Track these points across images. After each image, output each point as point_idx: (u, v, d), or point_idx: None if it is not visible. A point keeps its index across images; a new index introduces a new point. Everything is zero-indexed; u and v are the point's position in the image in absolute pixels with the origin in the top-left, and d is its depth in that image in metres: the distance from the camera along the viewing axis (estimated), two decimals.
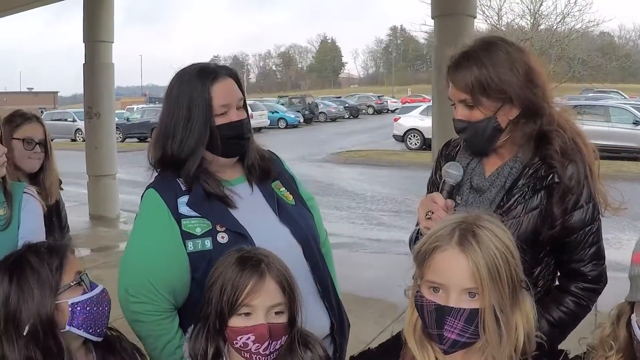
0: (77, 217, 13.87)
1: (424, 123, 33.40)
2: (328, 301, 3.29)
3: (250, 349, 2.59)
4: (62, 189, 5.27)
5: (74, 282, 2.57)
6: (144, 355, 2.97)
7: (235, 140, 3.16)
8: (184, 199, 3.09)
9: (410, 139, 35.45)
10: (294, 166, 3.78)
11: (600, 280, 3.16)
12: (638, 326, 2.13)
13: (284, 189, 3.40)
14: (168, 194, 3.10)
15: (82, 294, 2.59)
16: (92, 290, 2.64)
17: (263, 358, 2.62)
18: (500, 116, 3.07)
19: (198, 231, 3.05)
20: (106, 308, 2.67)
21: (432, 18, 11.11)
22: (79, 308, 2.55)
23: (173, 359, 3.04)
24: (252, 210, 3.19)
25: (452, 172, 3.16)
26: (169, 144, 3.11)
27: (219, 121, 3.10)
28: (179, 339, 3.08)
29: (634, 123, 29.21)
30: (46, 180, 4.97)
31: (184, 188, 3.11)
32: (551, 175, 3.04)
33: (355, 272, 10.29)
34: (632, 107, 31.27)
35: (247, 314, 2.60)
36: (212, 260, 2.95)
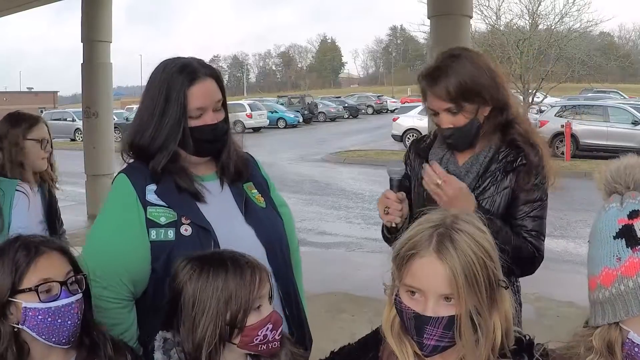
0: (75, 217, 13.85)
1: (423, 123, 33.31)
2: (289, 309, 3.24)
3: (269, 338, 2.57)
4: (57, 187, 5.33)
5: (27, 289, 2.49)
6: (137, 356, 2.87)
7: (208, 143, 3.16)
8: (152, 187, 3.08)
9: (408, 138, 35.21)
10: (293, 166, 3.81)
11: (539, 249, 3.45)
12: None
13: (255, 191, 3.36)
14: (137, 180, 3.08)
15: (38, 302, 2.49)
16: (54, 301, 2.51)
17: (277, 343, 2.62)
18: (479, 115, 3.40)
19: (162, 220, 3.02)
20: (69, 322, 2.53)
21: (429, 18, 11.18)
22: (30, 313, 2.48)
23: None
24: (219, 207, 3.17)
25: (395, 169, 3.40)
26: (140, 136, 3.11)
27: (193, 123, 3.08)
28: (134, 331, 3.05)
29: (632, 123, 29.21)
30: (45, 175, 5.06)
31: (153, 176, 3.11)
32: (520, 157, 3.43)
33: (351, 272, 10.34)
34: (631, 107, 31.30)
35: (258, 307, 2.56)
36: (172, 252, 2.93)
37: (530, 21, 36.55)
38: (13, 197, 3.66)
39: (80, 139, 32.22)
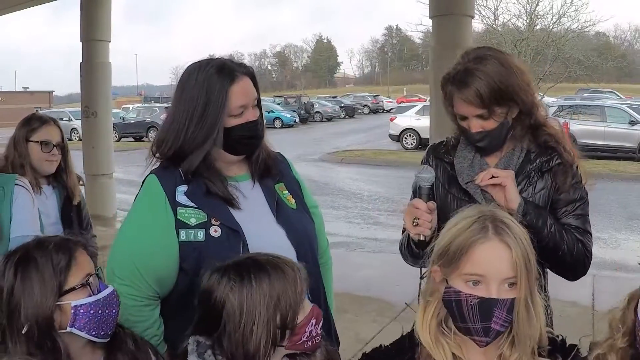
0: None
1: (420, 123, 33.53)
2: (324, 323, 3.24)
3: (313, 333, 2.54)
4: (84, 185, 5.31)
5: (79, 286, 2.51)
6: (158, 353, 2.90)
7: (248, 139, 3.16)
8: (182, 188, 3.08)
9: (406, 138, 35.52)
10: None
11: (587, 246, 3.38)
12: None
13: (287, 192, 3.35)
14: (168, 181, 3.09)
15: (87, 297, 2.52)
16: (99, 293, 2.57)
17: (319, 337, 2.60)
18: (508, 117, 3.31)
19: (192, 221, 3.03)
20: (113, 311, 2.60)
21: (430, 18, 11.14)
22: (82, 311, 2.49)
23: None
24: (250, 207, 3.17)
25: (425, 175, 3.24)
26: (178, 139, 3.08)
27: (235, 122, 3.09)
28: (156, 329, 3.07)
29: (629, 123, 29.33)
30: (69, 181, 5.01)
31: (184, 177, 3.10)
32: (554, 157, 3.34)
33: (352, 272, 10.31)
34: (627, 107, 31.40)
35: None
36: (202, 253, 2.96)
37: (527, 21, 36.61)
38: (12, 192, 3.64)
39: (77, 139, 32.12)
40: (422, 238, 3.15)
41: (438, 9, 10.93)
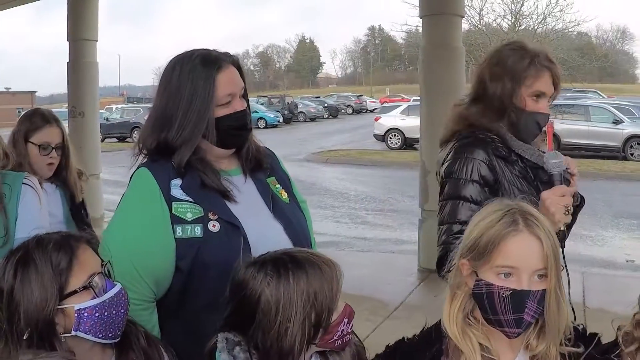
0: None
1: (405, 123, 33.63)
2: None
3: (344, 332, 2.51)
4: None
5: (81, 288, 2.38)
6: (171, 350, 2.80)
7: (237, 130, 3.08)
8: (177, 181, 2.97)
9: (391, 138, 35.56)
10: None
11: None
12: None
13: (279, 186, 3.29)
14: (161, 174, 2.97)
15: (91, 299, 2.39)
16: (105, 294, 2.43)
17: (349, 336, 2.57)
18: None
19: (189, 216, 2.90)
20: (122, 311, 2.47)
21: (420, 17, 11.11)
22: (86, 314, 2.37)
23: None
24: (246, 202, 3.07)
25: (555, 161, 3.23)
26: (164, 133, 3.00)
27: (222, 112, 3.01)
28: (156, 333, 2.93)
29: (613, 122, 29.56)
30: (70, 181, 4.93)
31: (176, 168, 3.00)
32: None
33: (343, 271, 10.29)
34: (611, 106, 31.61)
35: None
36: (200, 250, 2.86)
37: (512, 21, 36.73)
38: (20, 192, 3.59)
39: None
40: (563, 227, 3.10)
41: (429, 8, 10.92)
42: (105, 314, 2.41)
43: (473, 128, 3.46)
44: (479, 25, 35.90)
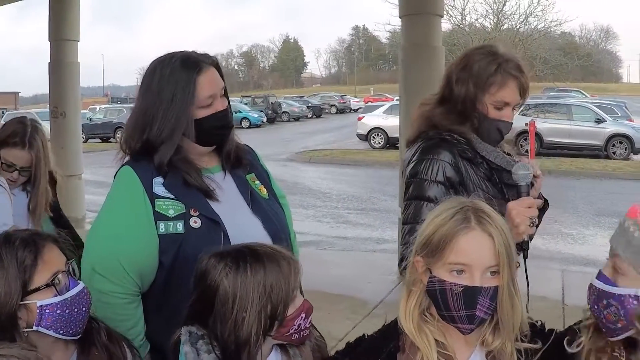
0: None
1: (388, 122, 33.59)
2: None
3: (302, 327, 2.56)
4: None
5: (44, 286, 2.44)
6: (133, 347, 2.82)
7: (219, 130, 3.17)
8: (159, 179, 3.05)
9: (374, 137, 35.52)
10: None
11: None
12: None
13: (258, 182, 3.38)
14: (144, 172, 3.05)
15: (54, 296, 2.45)
16: (68, 291, 2.49)
17: (307, 330, 2.62)
18: None
19: (171, 213, 2.99)
20: (83, 309, 2.53)
21: (400, 17, 11.07)
22: (48, 310, 2.42)
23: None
24: (226, 198, 3.15)
25: (522, 172, 3.21)
26: (146, 133, 3.07)
27: (204, 112, 3.09)
28: (141, 327, 3.03)
29: (595, 121, 29.70)
30: (37, 201, 4.60)
31: (157, 167, 3.07)
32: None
33: (323, 270, 10.33)
34: (594, 105, 31.78)
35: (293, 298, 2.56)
36: (182, 245, 2.94)
37: (494, 21, 36.81)
38: None
39: None
40: (526, 238, 3.15)
41: (408, 7, 10.89)
42: (67, 311, 2.47)
43: (437, 129, 3.46)
44: (461, 25, 35.94)
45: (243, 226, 3.09)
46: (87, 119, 46.60)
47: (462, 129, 3.43)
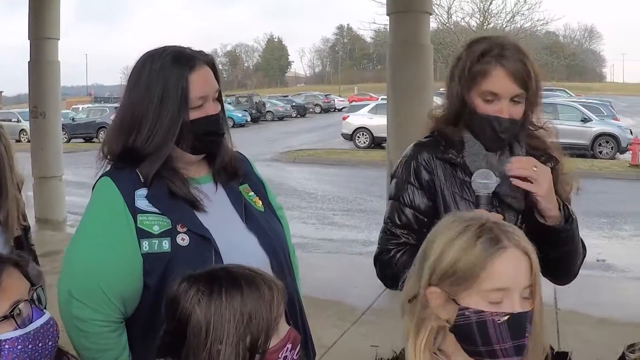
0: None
1: (373, 121, 33.76)
2: (294, 321, 2.83)
3: (288, 359, 2.26)
4: (22, 182, 4.64)
5: (1, 318, 2.07)
6: None
7: (210, 136, 2.82)
8: (142, 191, 2.72)
9: (358, 137, 35.64)
10: None
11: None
12: None
13: (252, 193, 3.03)
14: (125, 184, 2.72)
15: (14, 330, 2.08)
16: (30, 324, 2.13)
17: None
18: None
19: (156, 229, 2.66)
20: (49, 343, 2.16)
21: (388, 15, 10.92)
22: (7, 346, 2.06)
23: None
24: (217, 212, 2.83)
25: (484, 182, 2.92)
26: (132, 137, 2.73)
27: (194, 115, 2.73)
28: (127, 357, 2.73)
29: (582, 120, 29.85)
30: (1, 214, 4.18)
31: (143, 180, 2.74)
32: (553, 161, 3.11)
33: (310, 274, 10.10)
34: (580, 104, 31.93)
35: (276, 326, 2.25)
36: (169, 265, 2.62)
37: (481, 20, 36.84)
38: None
39: (26, 140, 31.63)
40: None
41: (396, 5, 10.73)
42: (30, 346, 2.11)
43: (435, 131, 3.22)
44: (447, 24, 35.95)
45: (236, 242, 2.79)
46: (69, 119, 46.49)
47: (455, 129, 3.13)
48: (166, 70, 2.72)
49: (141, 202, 2.71)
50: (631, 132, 30.78)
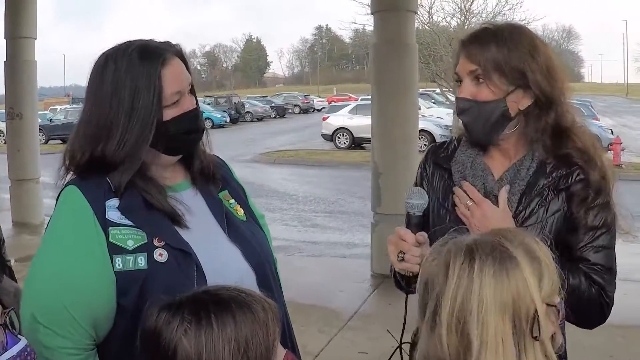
0: None
1: (353, 122, 33.76)
2: (282, 337, 2.39)
3: None
4: None
5: None
6: None
7: (189, 134, 2.56)
8: (113, 202, 2.42)
9: (339, 138, 35.62)
10: None
11: (605, 289, 2.65)
12: None
13: (233, 201, 2.76)
14: (94, 193, 2.43)
15: None
16: (5, 352, 1.90)
17: None
18: (510, 101, 2.63)
19: (130, 244, 2.36)
20: None
21: (372, 13, 10.81)
22: None
23: None
24: (197, 224, 2.55)
25: (415, 202, 2.70)
26: (101, 145, 2.44)
27: (170, 113, 2.47)
28: None
29: None
30: None
31: (114, 189, 2.44)
32: (576, 172, 2.64)
33: (293, 278, 9.92)
34: None
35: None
36: (146, 284, 2.34)
37: (462, 19, 36.76)
38: None
39: (2, 142, 31.25)
40: (409, 274, 2.62)
41: (381, 3, 10.59)
42: None
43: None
44: (427, 24, 35.86)
45: (220, 257, 2.51)
46: (47, 120, 46.14)
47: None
48: (134, 68, 2.45)
49: (113, 214, 2.43)
50: (612, 132, 30.77)
